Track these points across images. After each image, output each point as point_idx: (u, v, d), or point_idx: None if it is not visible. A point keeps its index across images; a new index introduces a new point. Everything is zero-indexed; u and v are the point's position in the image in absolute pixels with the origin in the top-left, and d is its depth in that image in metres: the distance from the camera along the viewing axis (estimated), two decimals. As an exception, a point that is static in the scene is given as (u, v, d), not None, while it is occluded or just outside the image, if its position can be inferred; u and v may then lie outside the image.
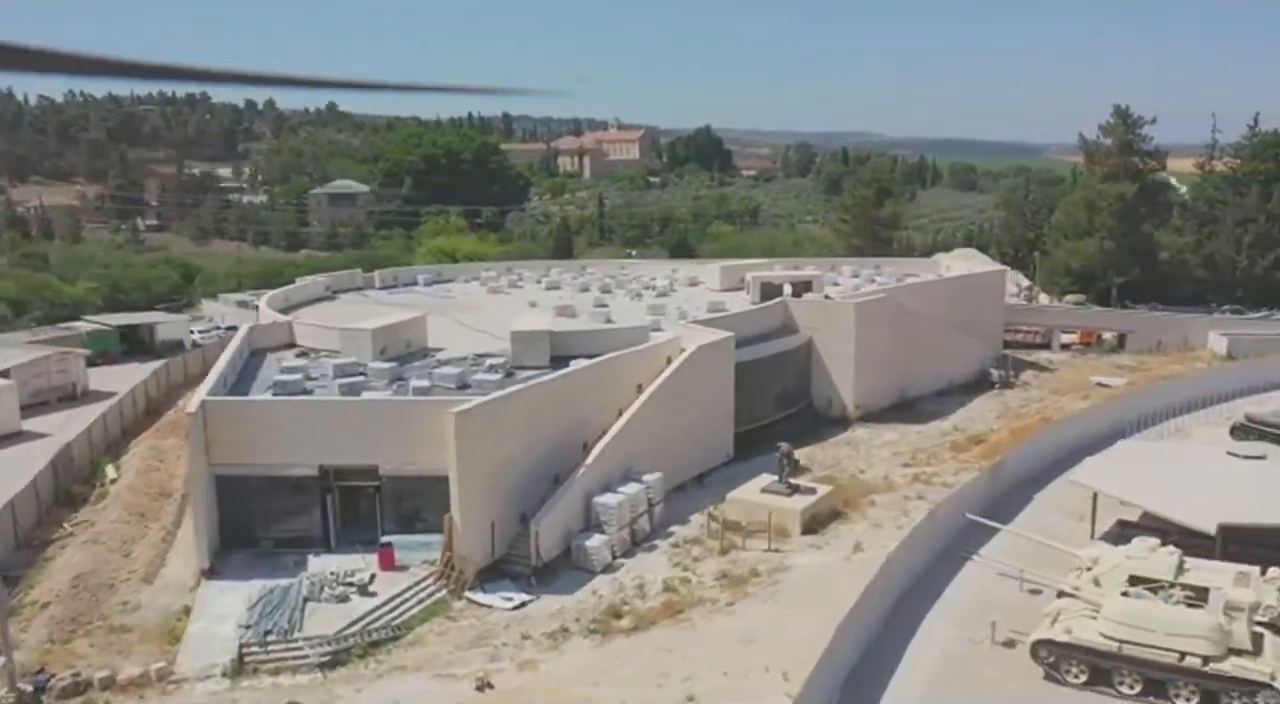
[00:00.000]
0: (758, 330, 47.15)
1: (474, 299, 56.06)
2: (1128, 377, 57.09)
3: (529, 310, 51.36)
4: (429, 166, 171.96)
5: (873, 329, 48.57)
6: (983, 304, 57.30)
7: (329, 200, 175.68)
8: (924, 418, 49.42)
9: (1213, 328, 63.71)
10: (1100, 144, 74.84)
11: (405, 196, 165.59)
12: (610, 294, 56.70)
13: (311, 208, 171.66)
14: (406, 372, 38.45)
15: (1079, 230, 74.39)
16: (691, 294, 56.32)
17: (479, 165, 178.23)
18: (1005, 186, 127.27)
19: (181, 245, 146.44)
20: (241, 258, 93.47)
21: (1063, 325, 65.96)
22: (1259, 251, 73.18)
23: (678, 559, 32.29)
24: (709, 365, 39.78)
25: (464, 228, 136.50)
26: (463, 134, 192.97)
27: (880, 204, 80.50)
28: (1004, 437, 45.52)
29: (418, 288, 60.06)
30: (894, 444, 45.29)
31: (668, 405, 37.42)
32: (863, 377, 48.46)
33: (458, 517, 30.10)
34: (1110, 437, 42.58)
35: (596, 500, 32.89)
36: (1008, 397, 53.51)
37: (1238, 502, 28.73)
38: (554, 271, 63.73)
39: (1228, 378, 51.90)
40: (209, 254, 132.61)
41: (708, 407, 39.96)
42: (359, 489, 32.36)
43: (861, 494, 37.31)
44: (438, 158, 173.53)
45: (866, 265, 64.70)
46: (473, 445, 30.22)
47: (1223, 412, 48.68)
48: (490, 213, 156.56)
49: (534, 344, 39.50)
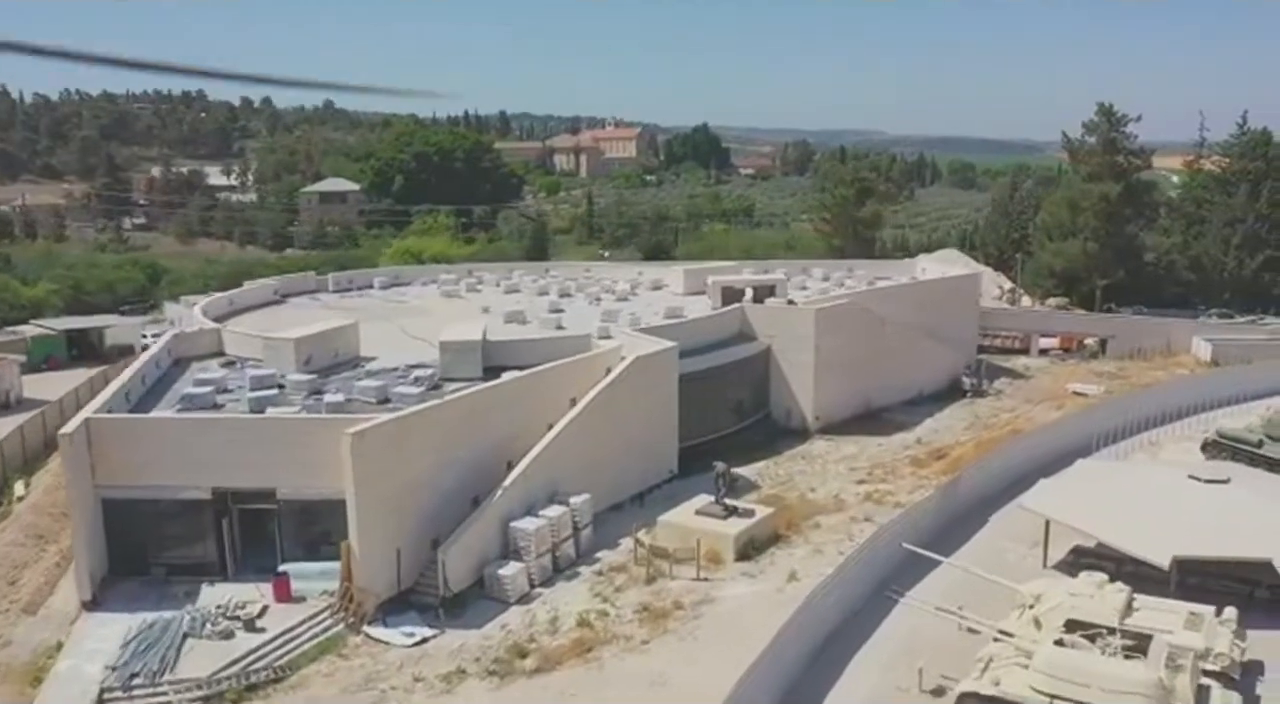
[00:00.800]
0: (713, 338, 44.82)
1: (426, 303, 53.73)
2: (1106, 384, 54.60)
3: (476, 316, 49.05)
4: (420, 165, 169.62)
5: (834, 336, 46.16)
6: (956, 309, 54.78)
7: (319, 199, 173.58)
8: (888, 429, 47.00)
9: (1197, 333, 61.15)
10: (1084, 142, 72.21)
11: (396, 196, 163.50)
12: (569, 298, 54.37)
13: (302, 207, 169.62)
14: (329, 384, 36.22)
15: (1063, 231, 71.84)
16: (653, 299, 53.97)
17: (471, 164, 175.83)
18: (999, 186, 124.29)
19: (167, 245, 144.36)
20: (210, 258, 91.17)
21: (1042, 330, 63.44)
22: (1247, 253, 70.54)
23: (599, 589, 29.94)
24: (649, 377, 37.39)
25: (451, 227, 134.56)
26: (455, 133, 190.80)
27: (861, 204, 77.98)
28: (968, 450, 43.11)
29: (372, 291, 57.77)
30: (852, 458, 42.88)
31: (602, 420, 35.06)
32: (823, 386, 46.05)
33: (356, 544, 27.79)
34: (1077, 451, 40.16)
35: (514, 525, 30.54)
36: (979, 406, 51.06)
37: (1195, 531, 26.33)
38: (516, 274, 61.37)
39: (1208, 386, 49.29)
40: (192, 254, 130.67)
41: (649, 420, 37.57)
42: (261, 513, 30.06)
43: (807, 515, 34.94)
44: (429, 156, 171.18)
45: (839, 268, 62.28)
46: (373, 468, 27.90)
47: (1200, 423, 46.14)
48: (482, 212, 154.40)
49: (464, 355, 37.16)
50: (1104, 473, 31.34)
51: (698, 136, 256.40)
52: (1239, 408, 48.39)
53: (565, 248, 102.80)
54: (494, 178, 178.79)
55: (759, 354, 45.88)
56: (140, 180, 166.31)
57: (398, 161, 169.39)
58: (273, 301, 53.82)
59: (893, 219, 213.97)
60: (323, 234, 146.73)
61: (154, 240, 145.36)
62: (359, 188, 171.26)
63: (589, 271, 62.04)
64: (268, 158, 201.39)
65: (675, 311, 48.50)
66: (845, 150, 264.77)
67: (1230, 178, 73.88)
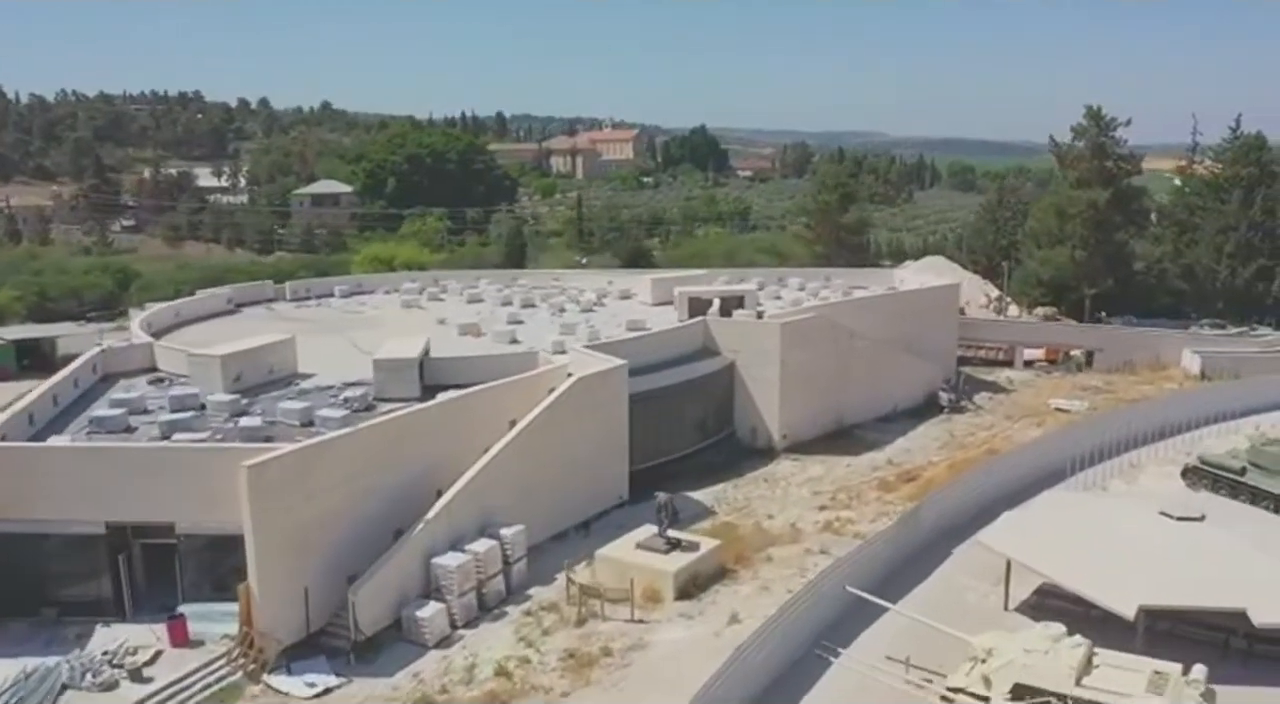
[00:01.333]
0: (673, 353, 42.52)
1: (383, 314, 51.54)
2: (1090, 400, 52.24)
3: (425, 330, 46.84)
4: (413, 167, 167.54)
5: (801, 351, 43.86)
6: (934, 321, 52.44)
7: (312, 201, 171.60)
8: (859, 448, 44.67)
9: (1186, 345, 58.71)
10: (1073, 147, 69.70)
11: (389, 198, 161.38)
12: (532, 309, 52.13)
13: (294, 209, 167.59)
14: (256, 404, 34.04)
15: (1051, 239, 69.38)
16: (620, 310, 51.70)
17: (464, 166, 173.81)
18: (997, 189, 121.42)
19: (154, 248, 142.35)
20: (182, 263, 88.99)
21: (1027, 341, 61.05)
22: (1240, 261, 67.97)
23: (526, 631, 27.64)
24: (596, 397, 35.09)
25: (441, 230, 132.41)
26: (448, 134, 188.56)
27: (845, 209, 75.57)
28: (940, 472, 40.80)
29: (332, 301, 55.55)
30: (817, 480, 40.55)
31: (542, 444, 32.78)
32: (789, 404, 43.74)
33: (255, 586, 25.52)
34: (1051, 476, 37.98)
35: (435, 561, 28.26)
36: (956, 423, 48.70)
37: (1164, 577, 24.00)
38: (482, 283, 59.11)
39: (1195, 403, 46.79)
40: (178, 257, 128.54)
41: (595, 443, 35.27)
42: (163, 549, 27.81)
43: (759, 547, 32.61)
44: (422, 158, 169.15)
45: (816, 277, 59.92)
46: (274, 502, 25.63)
47: (1185, 443, 43.77)
48: (475, 214, 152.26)
49: (399, 374, 34.93)
50: (1071, 506, 28.97)
51: (695, 138, 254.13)
52: (1227, 426, 46.05)
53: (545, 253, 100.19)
54: (488, 180, 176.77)
55: (722, 370, 43.59)
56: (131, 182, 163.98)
57: (390, 163, 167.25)
58: (225, 312, 51.69)
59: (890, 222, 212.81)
60: (310, 237, 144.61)
61: (141, 243, 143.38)
62: (351, 190, 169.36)
63: (558, 280, 59.78)
64: (262, 159, 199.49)
65: (638, 324, 46.25)
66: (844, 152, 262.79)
67: (1223, 184, 71.33)
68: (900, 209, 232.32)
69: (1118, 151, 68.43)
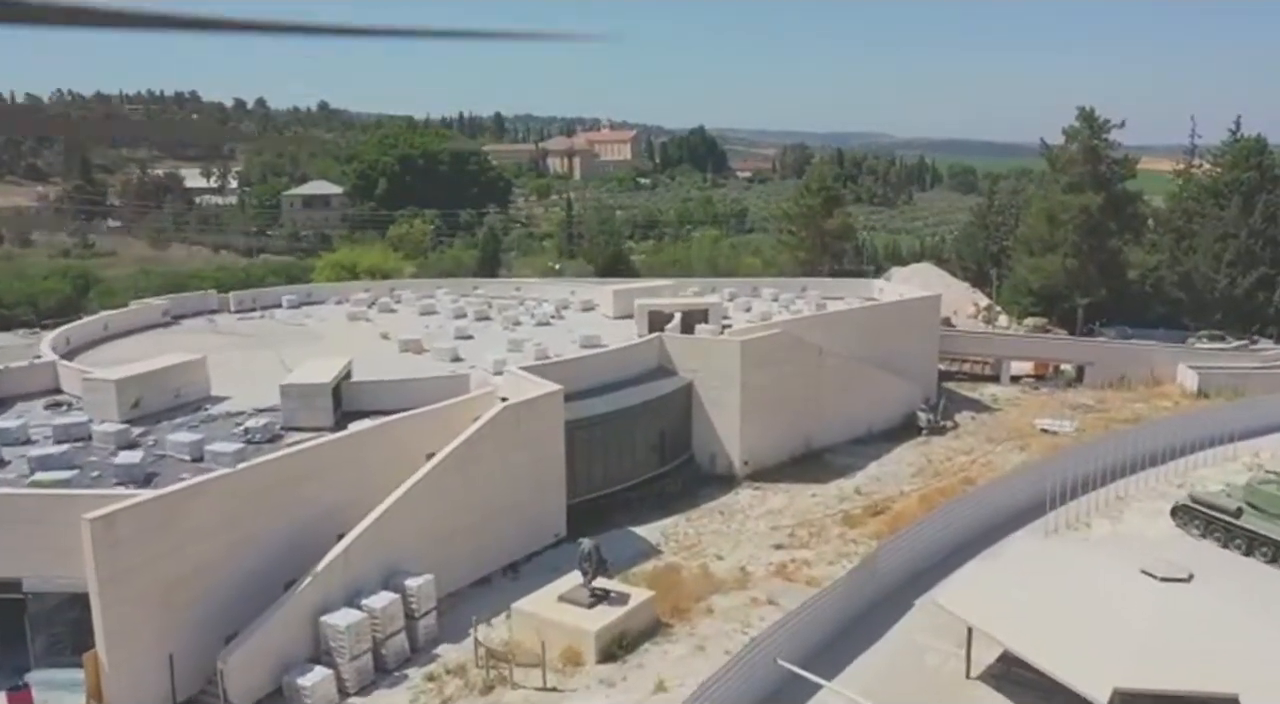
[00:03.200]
0: (626, 373, 39.09)
1: (327, 327, 48.19)
2: (1079, 420, 48.72)
3: (371, 343, 43.54)
4: (405, 168, 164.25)
5: (765, 370, 40.41)
6: (912, 335, 48.94)
7: (302, 202, 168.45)
8: (827, 475, 41.21)
9: (1182, 360, 55.14)
10: (1064, 150, 65.99)
11: (379, 199, 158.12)
12: (486, 323, 48.74)
13: (285, 210, 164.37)
14: (151, 434, 30.68)
15: (1042, 245, 65.74)
16: (578, 323, 48.27)
17: (458, 167, 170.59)
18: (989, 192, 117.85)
19: (138, 249, 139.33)
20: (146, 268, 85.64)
21: (1015, 355, 57.50)
22: (1240, 270, 64.27)
23: (425, 701, 24.23)
24: (527, 425, 31.65)
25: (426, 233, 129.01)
26: (442, 135, 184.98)
27: (829, 214, 71.98)
28: (910, 504, 37.32)
29: (278, 312, 52.17)
30: (778, 513, 37.07)
31: (461, 480, 29.37)
32: (752, 427, 40.29)
33: (104, 652, 22.13)
34: (1028, 511, 34.65)
35: (324, 620, 24.83)
36: (934, 446, 45.21)
37: (1144, 652, 20.50)
38: (439, 293, 55.70)
39: (1191, 426, 43.20)
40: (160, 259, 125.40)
41: (527, 476, 31.84)
42: (12, 607, 24.41)
43: (700, 596, 29.13)
44: (414, 159, 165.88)
45: (791, 287, 56.43)
46: (129, 557, 22.24)
47: (1178, 472, 40.29)
48: (468, 216, 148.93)
49: (309, 400, 31.52)
50: (1041, 560, 25.40)
51: (694, 139, 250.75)
52: (1224, 450, 42.59)
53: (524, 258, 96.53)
54: (481, 181, 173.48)
55: (680, 391, 40.16)
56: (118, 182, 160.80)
57: (381, 164, 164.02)
58: (160, 324, 48.38)
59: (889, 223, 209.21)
60: (297, 239, 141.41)
61: (126, 245, 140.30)
62: (342, 191, 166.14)
63: (519, 290, 56.33)
64: (255, 160, 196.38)
65: (593, 340, 42.83)
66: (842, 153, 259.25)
67: (1222, 189, 67.65)
68: (900, 211, 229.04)
69: (1111, 154, 64.74)
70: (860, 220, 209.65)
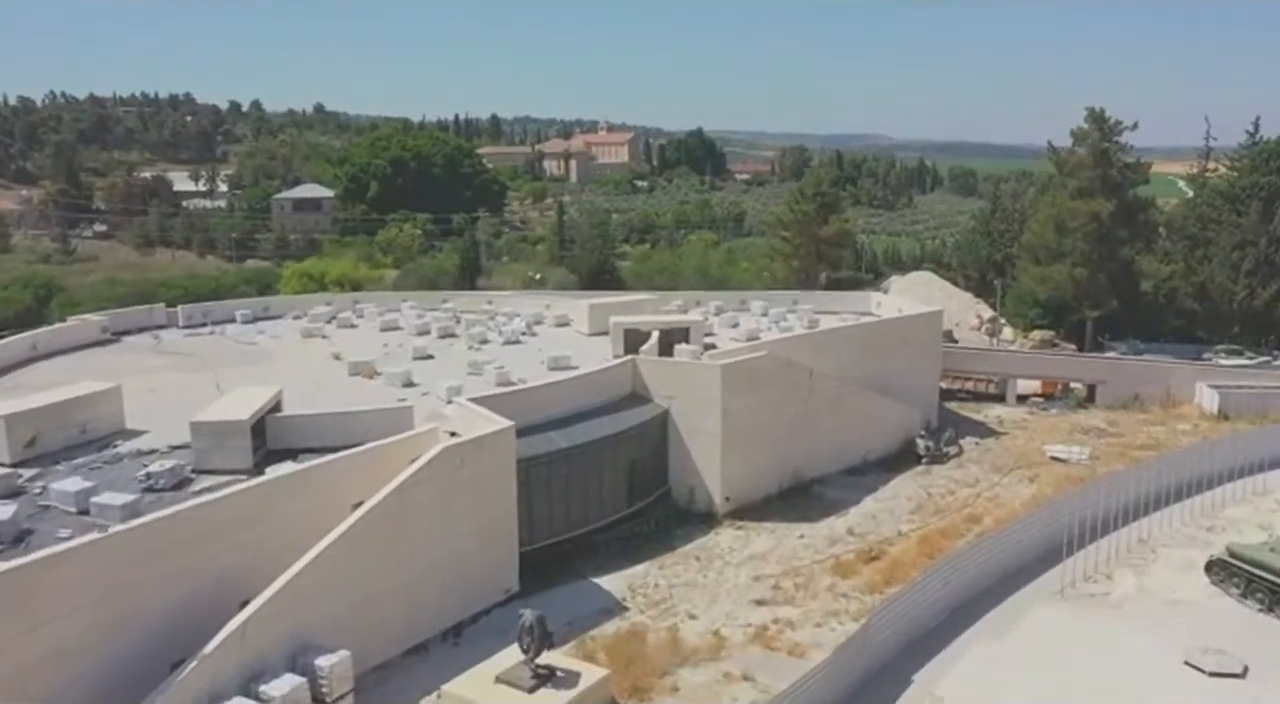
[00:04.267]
0: (596, 400, 35.13)
1: (279, 345, 44.21)
2: (1091, 445, 44.65)
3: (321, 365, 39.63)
4: (396, 171, 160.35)
5: (748, 396, 36.36)
6: (913, 354, 44.87)
7: (293, 206, 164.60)
8: (818, 512, 37.14)
9: (1201, 378, 51.04)
10: (1073, 153, 61.81)
11: (371, 203, 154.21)
12: (450, 340, 44.74)
13: (275, 213, 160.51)
14: (46, 478, 26.67)
15: (1049, 254, 61.56)
16: (551, 340, 44.27)
17: (451, 169, 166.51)
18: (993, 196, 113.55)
19: (123, 254, 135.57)
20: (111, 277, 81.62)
21: (1021, 372, 53.39)
22: (1260, 280, 60.05)
23: (329, 811, 20.22)
24: (474, 468, 27.61)
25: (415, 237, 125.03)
26: (435, 137, 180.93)
27: (825, 220, 67.91)
28: (910, 548, 33.31)
29: (230, 327, 48.15)
30: (761, 559, 33.01)
31: (391, 533, 25.33)
32: (734, 460, 36.24)
33: (-71, 769, 18.12)
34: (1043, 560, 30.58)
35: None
36: (935, 476, 41.13)
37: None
38: (405, 306, 51.71)
39: (1216, 454, 38.96)
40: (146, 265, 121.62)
41: (473, 525, 27.80)
42: None
43: (664, 669, 25.09)
44: (406, 161, 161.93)
45: (782, 300, 52.37)
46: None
47: (1204, 509, 36.23)
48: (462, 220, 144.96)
49: (224, 440, 27.47)
50: (1062, 639, 21.34)
51: (692, 141, 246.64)
52: (1253, 483, 38.56)
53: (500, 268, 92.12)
54: (475, 184, 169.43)
55: (654, 420, 36.08)
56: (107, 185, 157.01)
57: (373, 167, 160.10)
58: (97, 342, 44.40)
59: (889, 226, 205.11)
60: (284, 243, 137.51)
61: (109, 249, 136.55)
62: (333, 194, 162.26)
63: (491, 303, 52.24)
64: (247, 162, 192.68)
65: (562, 362, 38.84)
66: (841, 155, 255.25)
67: (1240, 194, 63.46)
68: (899, 213, 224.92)
69: (1123, 158, 60.55)
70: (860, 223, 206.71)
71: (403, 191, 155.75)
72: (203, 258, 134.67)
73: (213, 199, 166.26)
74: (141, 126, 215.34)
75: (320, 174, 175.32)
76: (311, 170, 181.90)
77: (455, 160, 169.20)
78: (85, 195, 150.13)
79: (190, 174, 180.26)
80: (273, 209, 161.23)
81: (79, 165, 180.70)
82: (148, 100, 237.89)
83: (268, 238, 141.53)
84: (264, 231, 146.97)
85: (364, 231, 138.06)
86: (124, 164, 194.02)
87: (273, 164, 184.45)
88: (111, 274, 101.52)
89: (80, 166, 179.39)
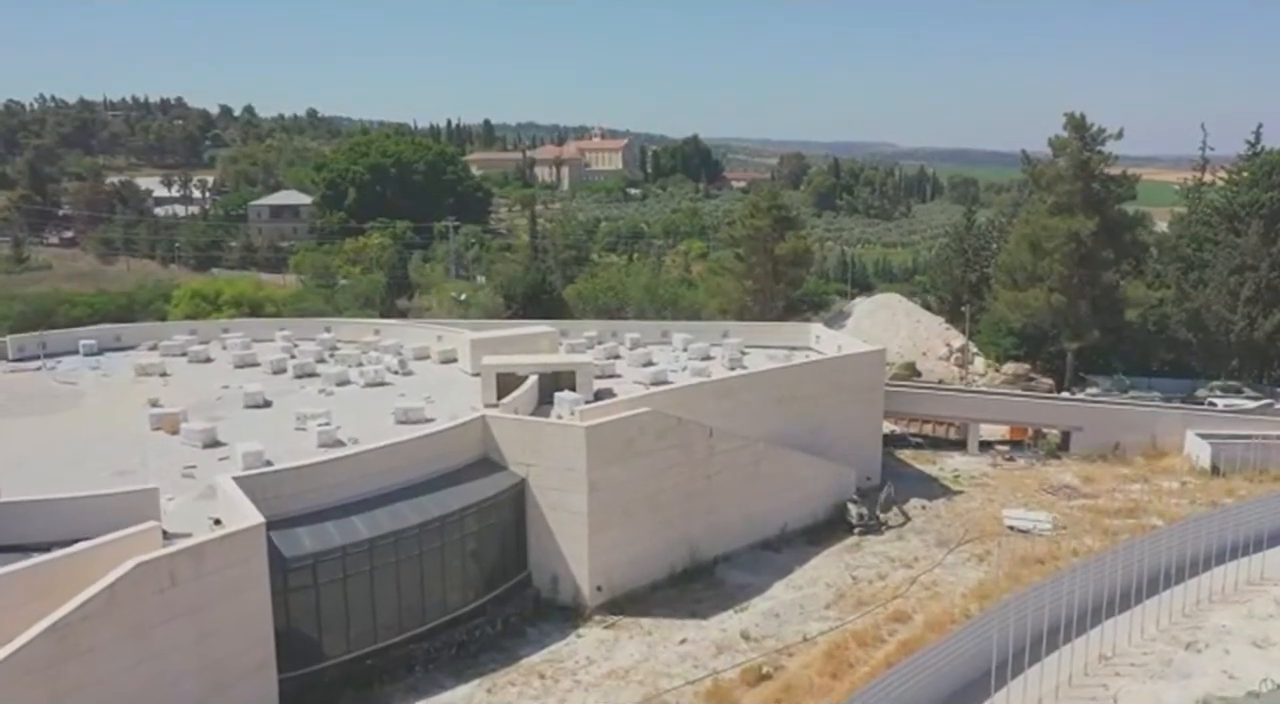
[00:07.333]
0: (436, 467, 27.87)
1: (102, 386, 37.16)
2: (1058, 511, 37.21)
3: (133, 413, 32.53)
4: (375, 178, 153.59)
5: (626, 464, 29.09)
6: (848, 401, 37.53)
7: (270, 212, 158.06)
8: (713, 604, 29.90)
9: (1191, 425, 43.53)
10: (1051, 164, 54.22)
11: (349, 210, 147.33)
12: (307, 380, 37.56)
13: (252, 220, 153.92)
14: None
15: (1025, 277, 54.00)
16: (424, 382, 37.15)
17: (433, 176, 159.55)
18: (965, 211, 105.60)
19: (85, 263, 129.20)
20: (12, 293, 74.60)
21: (986, 417, 45.92)
22: (1260, 309, 52.33)
23: None
24: (188, 588, 20.36)
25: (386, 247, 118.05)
26: (418, 143, 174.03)
27: (780, 236, 60.55)
28: (813, 663, 26.04)
29: (67, 360, 41.13)
30: (622, 677, 25.70)
31: (52, 692, 18.14)
32: (606, 540, 28.96)
33: None
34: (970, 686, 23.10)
35: None
36: (866, 553, 33.76)
37: None
38: (280, 335, 44.56)
39: (1203, 530, 31.39)
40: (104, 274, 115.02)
41: (192, 664, 20.57)
42: None
43: None
44: (385, 168, 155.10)
45: (711, 332, 45.03)
46: None
47: (1185, 610, 28.77)
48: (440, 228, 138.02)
49: None
50: None
51: (687, 148, 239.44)
52: (1246, 567, 31.07)
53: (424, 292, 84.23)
54: (458, 191, 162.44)
55: (508, 492, 28.76)
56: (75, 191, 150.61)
57: (351, 173, 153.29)
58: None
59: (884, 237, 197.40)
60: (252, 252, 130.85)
61: (71, 258, 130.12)
62: (311, 201, 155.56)
63: (377, 333, 44.98)
64: (230, 168, 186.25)
65: (413, 415, 31.76)
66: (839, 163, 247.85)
67: (1238, 211, 55.78)
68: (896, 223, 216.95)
69: (1106, 170, 52.85)
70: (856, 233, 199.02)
71: (382, 199, 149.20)
72: (165, 267, 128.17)
73: (187, 205, 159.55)
74: (128, 131, 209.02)
75: (303, 180, 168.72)
76: (294, 176, 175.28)
77: (438, 167, 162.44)
78: (52, 201, 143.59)
79: (163, 179, 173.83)
80: (249, 216, 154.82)
81: (61, 170, 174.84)
82: (138, 104, 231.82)
83: (236, 246, 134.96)
84: (238, 238, 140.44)
85: (343, 239, 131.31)
86: (109, 169, 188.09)
87: (255, 170, 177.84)
88: (57, 285, 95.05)
89: (63, 171, 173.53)
